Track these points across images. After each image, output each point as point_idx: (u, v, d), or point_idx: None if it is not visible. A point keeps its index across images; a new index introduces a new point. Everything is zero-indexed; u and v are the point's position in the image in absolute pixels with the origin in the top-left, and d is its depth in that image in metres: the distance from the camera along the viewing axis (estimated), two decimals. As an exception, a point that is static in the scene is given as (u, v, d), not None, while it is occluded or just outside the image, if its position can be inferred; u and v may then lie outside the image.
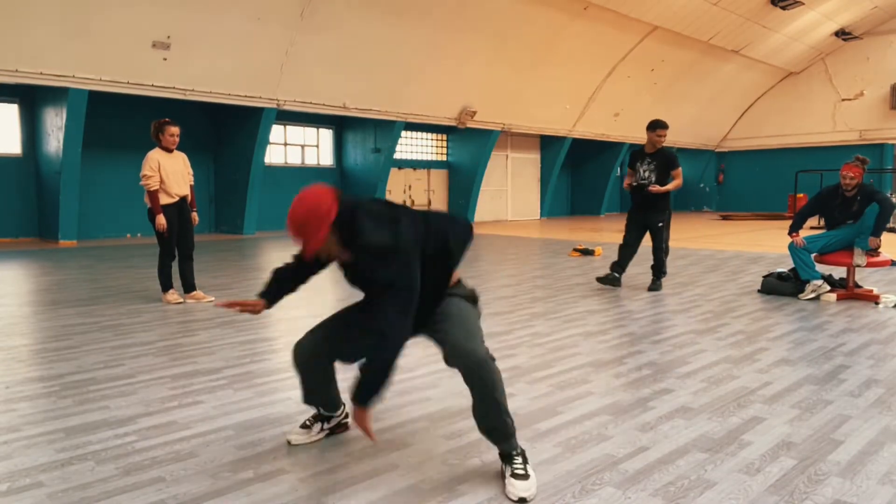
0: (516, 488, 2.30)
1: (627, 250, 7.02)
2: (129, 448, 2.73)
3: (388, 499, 2.31)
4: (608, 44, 19.05)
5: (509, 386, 3.56)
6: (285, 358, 4.21)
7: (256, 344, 4.59)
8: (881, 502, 2.28)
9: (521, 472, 2.36)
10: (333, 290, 7.07)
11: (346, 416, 2.94)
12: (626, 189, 7.10)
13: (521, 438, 2.83)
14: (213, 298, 6.35)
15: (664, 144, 6.93)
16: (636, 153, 7.05)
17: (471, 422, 3.02)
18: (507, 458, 2.43)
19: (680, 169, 6.94)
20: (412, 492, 2.36)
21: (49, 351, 4.38)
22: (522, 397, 3.38)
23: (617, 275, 6.98)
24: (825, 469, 2.54)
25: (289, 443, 2.78)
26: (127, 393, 3.46)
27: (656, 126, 6.86)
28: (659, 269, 7.04)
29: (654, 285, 7.01)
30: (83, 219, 13.37)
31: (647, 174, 6.87)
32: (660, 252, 7.01)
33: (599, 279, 7.04)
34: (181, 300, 6.19)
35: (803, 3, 19.76)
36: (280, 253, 11.06)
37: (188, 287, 6.30)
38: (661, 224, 6.95)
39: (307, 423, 2.85)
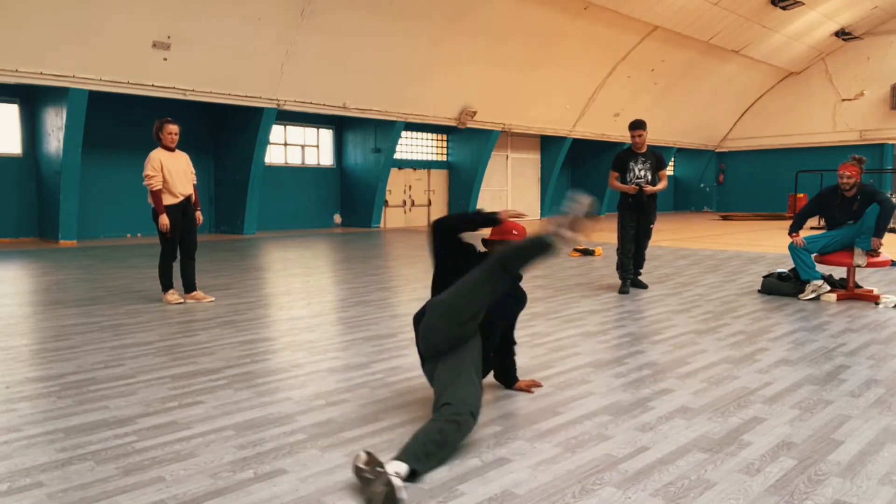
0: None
1: (628, 255, 6.96)
2: (129, 448, 2.73)
3: (388, 499, 2.30)
4: (608, 44, 19.06)
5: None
6: (285, 358, 4.21)
7: (256, 344, 4.59)
8: (881, 502, 2.28)
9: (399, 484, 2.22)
10: (333, 291, 7.08)
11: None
12: (631, 191, 6.79)
13: (521, 438, 2.84)
14: (213, 299, 6.35)
15: (648, 144, 6.99)
16: (625, 153, 7.01)
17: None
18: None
19: (666, 170, 7.11)
20: (412, 492, 2.35)
21: (49, 351, 4.38)
22: (523, 397, 3.38)
23: (629, 280, 7.01)
24: (825, 469, 2.54)
25: None
26: (127, 393, 3.46)
27: (634, 126, 6.85)
28: (640, 267, 7.18)
29: (643, 283, 7.13)
30: (83, 219, 13.38)
31: (643, 173, 6.86)
32: (645, 251, 7.15)
33: (624, 292, 6.82)
34: (181, 300, 6.18)
35: (803, 3, 19.77)
36: (280, 253, 11.07)
37: (189, 287, 6.30)
38: (652, 225, 7.03)
39: None
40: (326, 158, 18.34)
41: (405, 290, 7.15)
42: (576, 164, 25.05)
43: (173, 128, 6.08)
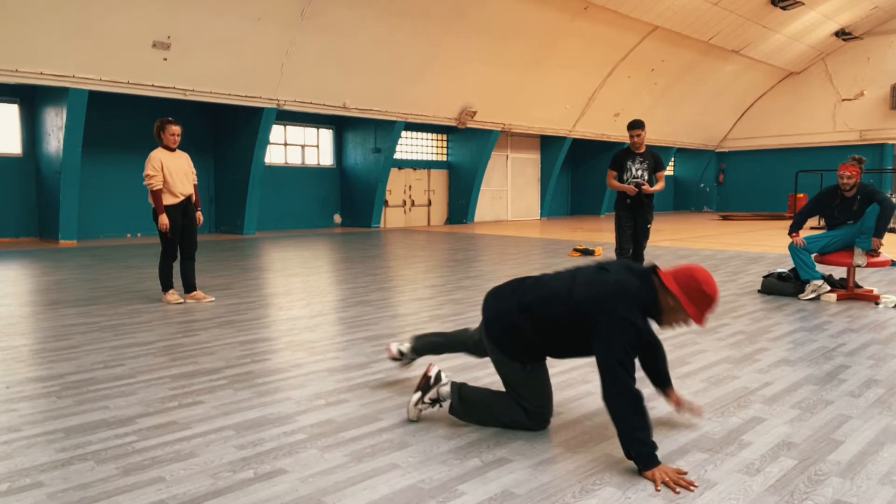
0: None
1: (627, 255, 6.95)
2: (129, 448, 2.73)
3: (388, 499, 2.31)
4: (608, 44, 19.06)
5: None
6: (285, 358, 4.21)
7: (256, 344, 4.59)
8: (881, 502, 2.28)
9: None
10: (333, 291, 7.08)
11: None
12: (631, 192, 6.76)
13: (521, 438, 2.84)
14: (213, 299, 6.35)
15: (646, 144, 6.96)
16: (624, 152, 7.01)
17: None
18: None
19: (664, 172, 7.08)
20: (412, 492, 2.36)
21: (49, 351, 4.38)
22: (522, 397, 3.38)
23: None
24: (825, 469, 2.54)
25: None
26: (127, 393, 3.46)
27: (633, 126, 6.84)
28: None
29: None
30: (83, 219, 13.38)
31: (640, 173, 6.85)
32: (643, 251, 7.13)
33: None
34: (181, 300, 6.18)
35: (803, 3, 19.77)
36: (280, 253, 11.07)
37: (189, 287, 6.30)
38: (649, 225, 7.01)
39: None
40: (326, 158, 18.34)
41: (405, 290, 7.15)
42: (576, 164, 25.05)
43: (176, 129, 6.08)
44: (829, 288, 6.35)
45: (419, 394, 3.03)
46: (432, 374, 3.05)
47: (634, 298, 2.61)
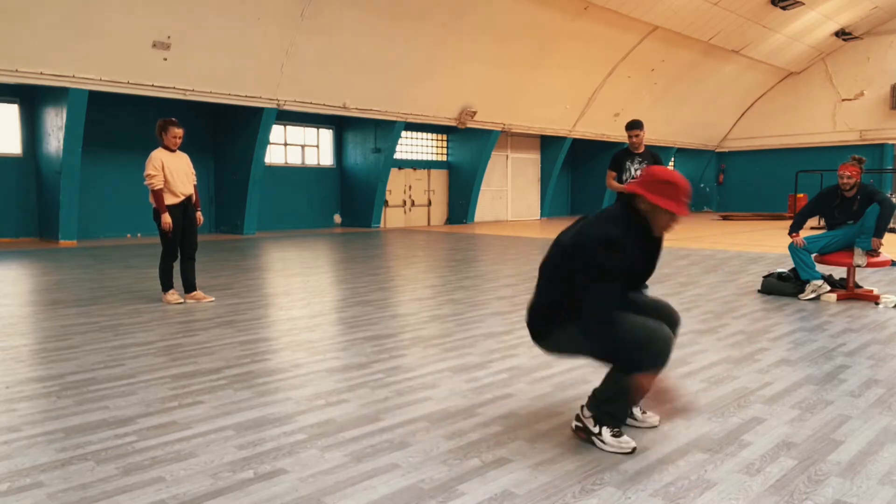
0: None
1: None
2: (129, 448, 2.73)
3: (388, 499, 2.31)
4: (608, 44, 19.06)
5: (509, 386, 3.57)
6: (285, 358, 4.21)
7: (256, 344, 4.59)
8: (881, 502, 2.28)
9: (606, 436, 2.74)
10: (333, 291, 7.08)
11: None
12: (627, 191, 6.84)
13: (521, 438, 2.84)
14: (213, 299, 6.35)
15: (645, 144, 6.93)
16: (623, 153, 7.00)
17: (471, 421, 3.03)
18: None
19: None
20: (412, 492, 2.36)
21: (49, 351, 4.38)
22: (522, 397, 3.38)
23: None
24: (825, 469, 2.54)
25: None
26: (127, 393, 3.46)
27: (631, 126, 6.83)
28: None
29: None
30: (83, 219, 13.38)
31: (639, 173, 6.85)
32: None
33: None
34: (181, 300, 6.18)
35: (803, 3, 19.76)
36: (280, 253, 11.07)
37: (189, 287, 6.30)
38: None
39: None
40: (326, 158, 18.34)
41: (405, 290, 7.14)
42: (576, 164, 25.04)
43: (178, 131, 6.08)
44: (829, 288, 6.35)
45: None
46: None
47: (610, 219, 2.70)
